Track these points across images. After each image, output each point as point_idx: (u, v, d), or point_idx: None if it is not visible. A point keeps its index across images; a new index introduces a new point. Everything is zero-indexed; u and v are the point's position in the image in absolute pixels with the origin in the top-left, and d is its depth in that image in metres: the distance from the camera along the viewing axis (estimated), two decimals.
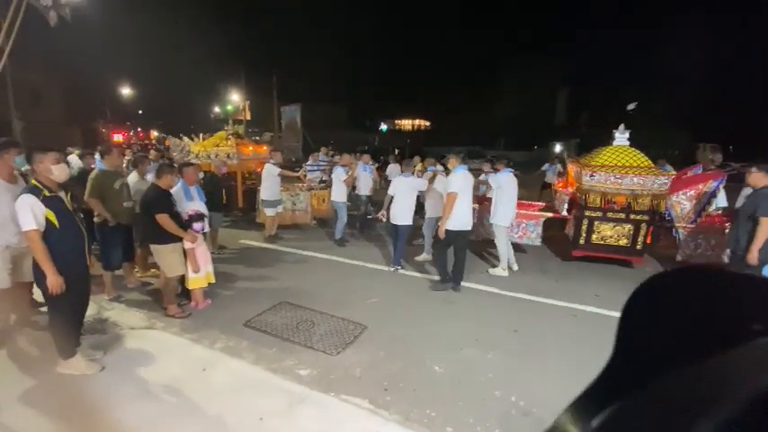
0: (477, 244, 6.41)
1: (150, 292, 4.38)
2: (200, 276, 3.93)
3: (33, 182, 2.67)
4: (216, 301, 4.14)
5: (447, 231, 4.39)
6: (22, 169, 3.33)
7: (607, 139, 5.84)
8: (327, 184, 7.39)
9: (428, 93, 54.45)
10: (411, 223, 5.25)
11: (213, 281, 4.09)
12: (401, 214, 5.16)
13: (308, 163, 9.04)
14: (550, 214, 6.20)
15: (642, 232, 5.19)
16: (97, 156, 4.71)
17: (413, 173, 5.52)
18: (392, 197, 5.20)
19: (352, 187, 7.26)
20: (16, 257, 3.02)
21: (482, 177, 5.86)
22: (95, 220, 4.16)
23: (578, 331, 3.69)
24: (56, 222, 2.62)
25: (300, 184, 7.57)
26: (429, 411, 2.52)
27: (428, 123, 57.61)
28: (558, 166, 9.92)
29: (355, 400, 2.62)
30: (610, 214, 5.33)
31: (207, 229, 4.40)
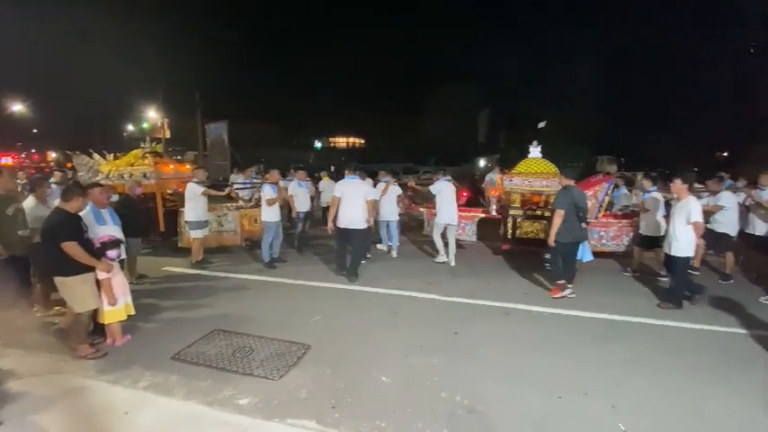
0: (418, 255, 6.67)
1: (55, 333, 3.78)
2: (119, 309, 3.52)
3: None
4: (137, 336, 3.72)
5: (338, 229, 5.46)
6: None
7: (523, 154, 6.93)
8: (258, 203, 7.04)
9: (363, 112, 55.73)
10: (366, 227, 5.44)
11: (133, 313, 3.67)
12: (358, 218, 5.33)
13: (240, 180, 8.66)
14: (483, 215, 7.17)
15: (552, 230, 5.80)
16: None
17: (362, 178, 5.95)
18: (339, 200, 5.37)
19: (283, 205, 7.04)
20: None
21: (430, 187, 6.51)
22: None
23: (512, 328, 3.95)
24: None
25: (229, 204, 7.18)
26: (379, 422, 2.50)
27: (362, 141, 58.66)
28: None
29: (302, 422, 2.50)
30: (528, 212, 6.49)
31: (123, 256, 3.98)
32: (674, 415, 2.60)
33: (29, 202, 4.12)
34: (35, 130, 36.59)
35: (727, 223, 5.28)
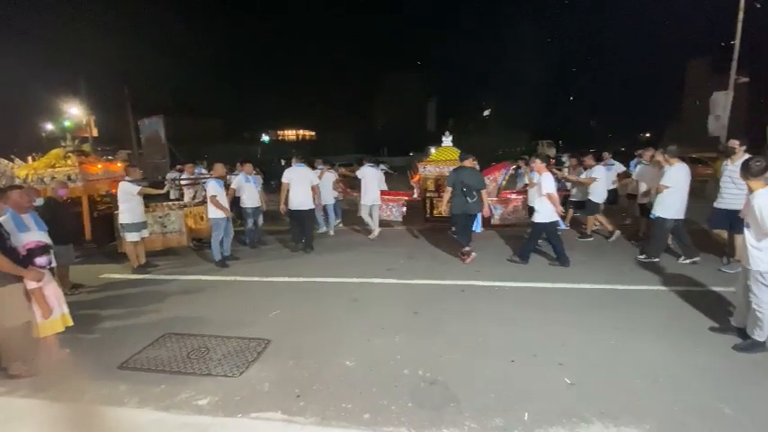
0: (372, 244, 6.76)
1: None
2: (54, 320, 3.21)
3: None
4: (77, 349, 3.42)
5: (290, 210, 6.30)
6: None
7: (470, 141, 7.97)
8: (204, 200, 6.69)
9: (312, 104, 54.46)
10: (313, 207, 6.38)
11: (71, 323, 3.36)
12: (306, 200, 6.22)
13: (184, 176, 8.16)
14: (406, 198, 8.19)
15: (443, 202, 6.34)
16: None
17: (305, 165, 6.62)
18: (288, 185, 6.15)
19: (235, 200, 6.77)
20: None
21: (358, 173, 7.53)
22: None
23: (467, 304, 4.15)
24: None
25: (171, 203, 6.76)
26: (345, 405, 2.53)
27: (313, 133, 57.46)
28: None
29: (266, 414, 2.47)
30: (441, 195, 7.10)
31: (54, 263, 3.62)
32: (613, 366, 2.91)
33: None
34: None
35: (597, 192, 6.42)
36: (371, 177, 7.24)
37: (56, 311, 3.22)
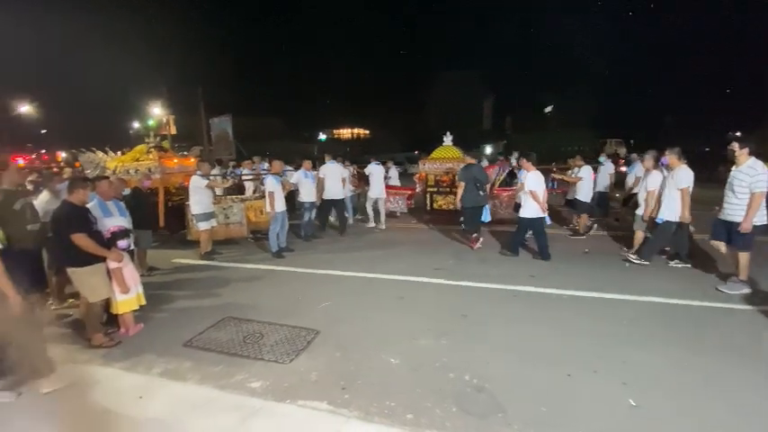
0: (422, 245, 6.69)
1: (69, 325, 3.88)
2: (131, 298, 3.58)
3: None
4: (149, 325, 3.78)
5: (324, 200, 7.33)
6: None
7: (530, 140, 7.89)
8: (263, 194, 7.08)
9: (367, 102, 55.35)
10: (344, 197, 7.51)
11: (144, 303, 3.73)
12: (338, 191, 7.40)
13: (245, 171, 8.69)
14: (410, 192, 9.29)
15: (458, 197, 6.58)
16: None
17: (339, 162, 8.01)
18: (323, 179, 7.18)
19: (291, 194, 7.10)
20: None
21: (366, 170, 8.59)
22: None
23: (520, 309, 3.94)
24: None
25: (235, 196, 7.22)
26: (389, 402, 2.52)
27: (367, 132, 58.40)
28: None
29: (313, 403, 2.54)
30: (440, 189, 8.50)
31: (133, 246, 4.03)
32: (686, 390, 2.59)
33: (43, 197, 4.18)
34: (43, 131, 36.98)
35: (584, 191, 6.67)
36: (378, 173, 8.21)
37: (132, 291, 3.58)
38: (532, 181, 5.42)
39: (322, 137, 47.31)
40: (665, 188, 4.99)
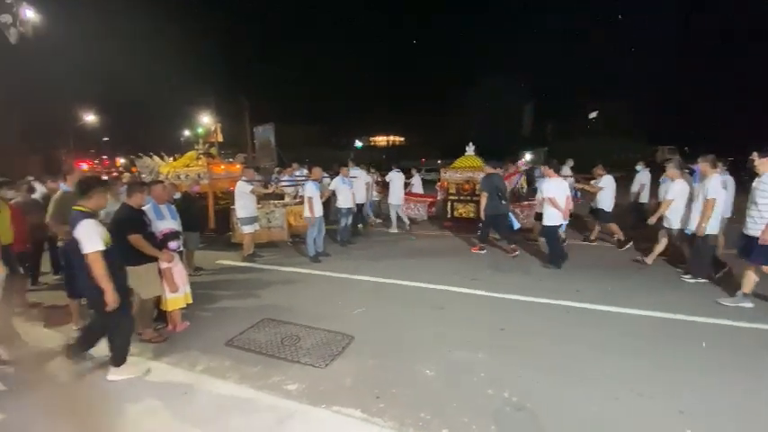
0: (458, 254, 6.58)
1: None
2: (179, 297, 3.77)
3: (80, 208, 2.86)
4: (195, 323, 3.97)
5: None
6: None
7: (573, 146, 7.58)
8: (302, 200, 7.29)
9: (401, 110, 55.60)
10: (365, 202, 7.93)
11: (191, 301, 3.92)
12: (361, 197, 7.90)
13: (284, 178, 8.97)
14: (431, 200, 9.35)
15: (482, 207, 6.64)
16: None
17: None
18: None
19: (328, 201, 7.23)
20: None
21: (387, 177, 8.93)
22: (59, 244, 3.94)
23: (563, 326, 3.75)
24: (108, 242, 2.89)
25: (276, 201, 7.46)
26: (424, 415, 2.47)
27: (402, 139, 58.64)
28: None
29: (347, 410, 2.54)
30: (461, 197, 8.52)
31: (182, 247, 4.25)
32: (754, 425, 2.33)
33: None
34: (105, 138, 40.29)
35: (604, 201, 6.62)
36: (398, 181, 8.56)
37: (181, 289, 3.77)
38: (550, 187, 5.48)
39: (358, 144, 48.06)
40: (696, 198, 4.71)
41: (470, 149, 8.97)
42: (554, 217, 5.48)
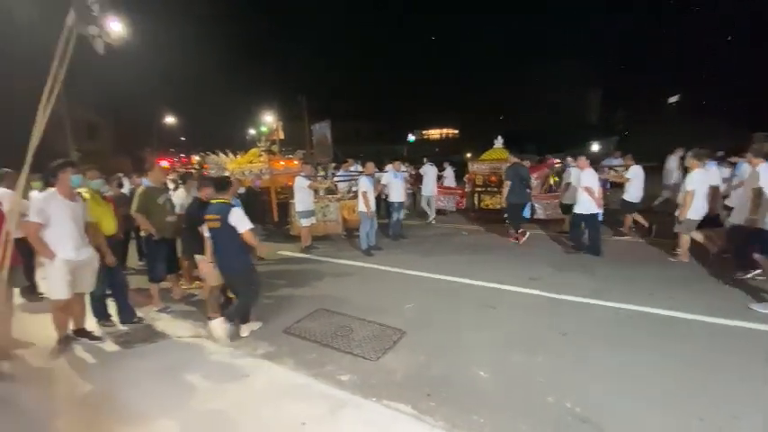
0: (514, 251, 6.28)
1: (195, 303, 4.54)
2: None
3: (223, 200, 3.47)
4: (256, 310, 4.18)
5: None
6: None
7: (650, 135, 7.31)
8: (356, 194, 7.42)
9: (455, 101, 54.03)
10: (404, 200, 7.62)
11: None
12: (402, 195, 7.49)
13: (339, 173, 9.19)
14: (460, 192, 10.04)
15: (503, 195, 6.94)
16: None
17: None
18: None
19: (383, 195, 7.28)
20: (74, 270, 3.22)
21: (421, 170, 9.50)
22: (141, 234, 4.38)
23: (633, 333, 3.41)
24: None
25: (331, 196, 7.67)
26: (477, 418, 2.39)
27: (456, 131, 57.28)
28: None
29: (398, 405, 2.53)
30: (488, 189, 8.92)
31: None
32: None
33: (179, 194, 4.96)
34: (182, 138, 44.26)
35: (631, 192, 6.53)
36: (431, 174, 9.00)
37: None
38: (587, 177, 5.73)
39: (411, 138, 47.77)
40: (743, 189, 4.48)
41: (498, 143, 9.42)
42: (587, 205, 5.67)
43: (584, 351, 3.13)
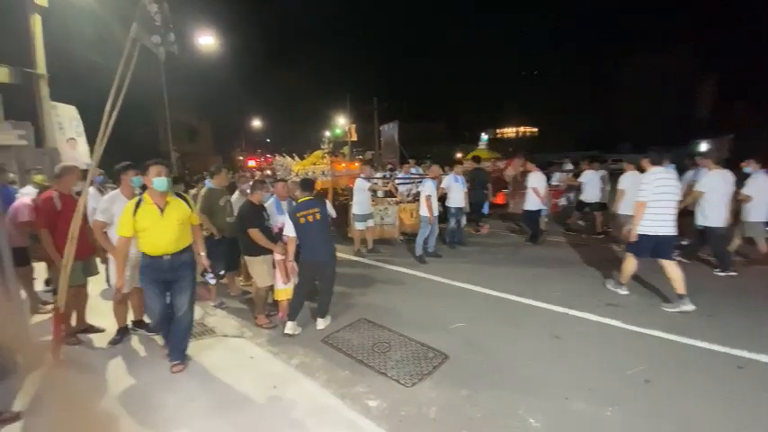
0: (588, 269, 5.45)
1: (248, 301, 4.67)
2: (289, 288, 4.00)
3: (306, 197, 3.71)
4: (300, 314, 4.17)
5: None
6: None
7: None
8: (416, 198, 7.14)
9: (534, 96, 50.33)
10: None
11: (290, 297, 4.12)
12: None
13: (400, 175, 8.98)
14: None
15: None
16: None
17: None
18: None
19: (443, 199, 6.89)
20: (134, 266, 3.44)
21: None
22: (204, 233, 4.62)
23: (742, 388, 2.63)
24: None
25: (390, 199, 7.48)
26: None
27: (535, 130, 53.63)
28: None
29: None
30: None
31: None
32: None
33: (235, 196, 5.17)
34: (268, 140, 48.12)
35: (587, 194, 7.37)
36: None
37: (292, 281, 4.00)
38: (533, 180, 6.35)
39: (484, 137, 45.91)
40: None
41: (482, 143, 9.05)
42: (531, 202, 6.62)
43: (673, 406, 2.48)
